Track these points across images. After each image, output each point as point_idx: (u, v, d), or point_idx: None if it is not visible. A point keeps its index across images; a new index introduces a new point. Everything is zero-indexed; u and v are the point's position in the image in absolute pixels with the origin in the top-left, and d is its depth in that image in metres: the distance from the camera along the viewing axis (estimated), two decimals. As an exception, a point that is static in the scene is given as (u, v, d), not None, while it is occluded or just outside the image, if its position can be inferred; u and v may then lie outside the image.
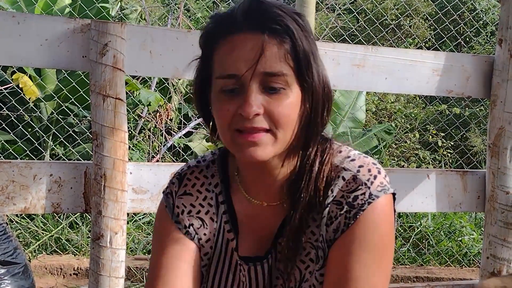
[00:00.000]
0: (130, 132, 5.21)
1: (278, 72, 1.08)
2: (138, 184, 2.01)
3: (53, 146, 5.15)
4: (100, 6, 5.09)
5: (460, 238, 4.89)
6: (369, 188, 1.12)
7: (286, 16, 1.10)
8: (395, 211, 1.19)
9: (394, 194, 1.18)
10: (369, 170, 1.15)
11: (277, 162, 1.16)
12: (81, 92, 4.51)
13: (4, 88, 4.64)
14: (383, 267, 1.13)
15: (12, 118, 4.73)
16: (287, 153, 1.16)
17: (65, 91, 4.63)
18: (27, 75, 4.77)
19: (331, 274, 1.14)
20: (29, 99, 4.70)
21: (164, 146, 5.41)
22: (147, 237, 4.57)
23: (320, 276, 1.17)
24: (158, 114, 5.33)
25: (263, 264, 1.22)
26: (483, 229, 2.45)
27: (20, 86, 4.47)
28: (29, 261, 3.76)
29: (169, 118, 5.38)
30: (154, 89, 5.49)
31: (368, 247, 1.11)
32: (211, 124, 1.20)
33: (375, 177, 1.14)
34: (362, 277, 1.10)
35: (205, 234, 1.25)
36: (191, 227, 1.24)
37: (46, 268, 4.10)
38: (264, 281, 1.23)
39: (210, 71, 1.15)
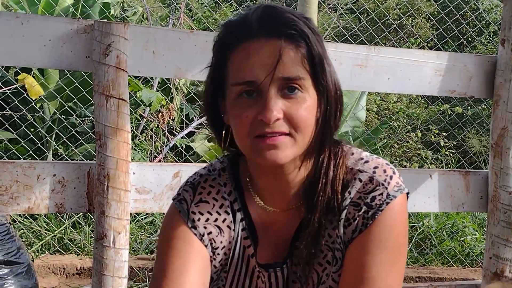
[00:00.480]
0: (132, 132, 5.22)
1: (296, 76, 1.09)
2: (141, 184, 2.01)
3: (55, 146, 5.16)
4: (102, 4, 5.10)
5: (462, 238, 4.88)
6: (386, 188, 1.14)
7: (299, 21, 1.11)
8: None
9: (407, 194, 1.19)
10: (385, 171, 1.17)
11: (293, 166, 1.17)
12: (84, 92, 4.51)
13: (8, 89, 4.64)
14: (398, 267, 1.15)
15: (15, 118, 4.74)
16: (303, 157, 1.16)
17: (67, 91, 4.64)
18: (31, 74, 4.78)
19: (348, 273, 1.15)
20: (34, 99, 4.71)
21: (166, 146, 5.41)
22: (149, 237, 4.58)
23: (338, 277, 1.18)
24: (160, 114, 5.34)
25: (282, 269, 1.23)
26: (485, 229, 2.45)
27: (26, 86, 4.48)
28: (32, 261, 3.77)
29: (171, 118, 5.38)
30: (156, 89, 5.49)
31: (386, 246, 1.13)
32: (223, 133, 1.19)
33: (391, 177, 1.16)
34: (379, 277, 1.11)
35: (221, 242, 1.24)
36: (206, 235, 1.23)
37: (49, 268, 4.11)
38: (283, 285, 1.24)
39: (224, 79, 1.15)
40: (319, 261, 1.19)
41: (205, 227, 1.23)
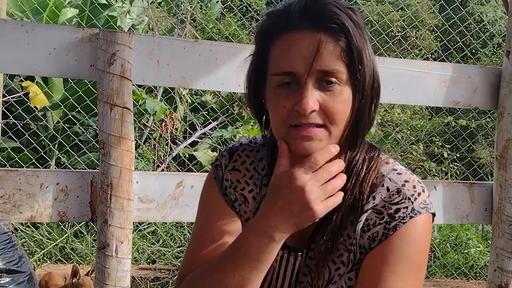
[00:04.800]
0: (135, 141, 5.22)
1: (334, 70, 1.09)
2: (144, 193, 2.01)
3: (58, 155, 5.16)
4: (108, 15, 5.12)
5: (466, 251, 4.86)
6: (412, 203, 1.13)
7: (341, 14, 1.11)
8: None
9: (433, 215, 1.18)
10: (414, 187, 1.16)
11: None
12: (88, 101, 4.52)
13: (12, 97, 4.65)
14: (416, 284, 1.13)
15: (19, 126, 4.75)
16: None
17: (71, 100, 4.65)
18: (35, 83, 4.79)
19: (365, 282, 1.14)
20: (37, 108, 4.72)
21: (169, 155, 5.41)
22: (151, 247, 4.56)
23: (349, 279, 1.17)
24: (163, 123, 5.34)
25: (296, 256, 1.23)
26: (489, 242, 2.44)
27: (30, 95, 4.49)
28: (34, 270, 3.76)
29: (174, 127, 5.39)
30: (160, 98, 5.50)
31: (405, 260, 1.11)
32: (264, 118, 1.22)
33: (419, 194, 1.15)
34: None
35: (245, 212, 1.28)
36: (236, 202, 1.28)
37: (50, 277, 4.08)
38: (292, 275, 1.24)
39: (265, 67, 1.16)
40: (334, 259, 1.19)
41: (235, 194, 1.28)
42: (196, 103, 5.67)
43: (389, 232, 1.12)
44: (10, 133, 4.60)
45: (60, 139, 4.91)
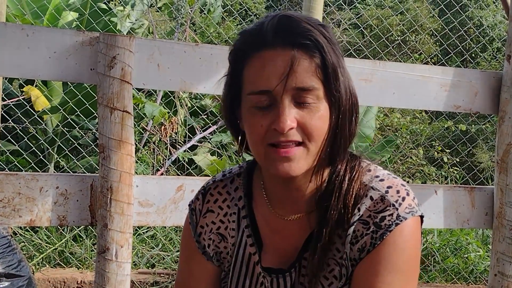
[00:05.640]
0: (135, 145, 5.21)
1: (310, 86, 1.09)
2: (144, 197, 2.00)
3: (57, 159, 5.15)
4: (108, 20, 5.12)
5: (466, 255, 4.85)
6: (397, 209, 1.12)
7: (315, 30, 1.11)
8: (422, 233, 1.18)
9: (422, 217, 1.17)
10: (398, 192, 1.14)
11: (306, 178, 1.17)
12: (87, 105, 4.52)
13: (12, 101, 4.65)
14: None
15: (18, 130, 4.74)
16: (315, 168, 1.15)
17: (70, 103, 4.65)
18: (34, 86, 4.78)
19: None
20: (37, 111, 4.71)
21: (168, 159, 5.40)
22: (150, 251, 4.55)
23: None
24: (163, 127, 5.33)
25: (285, 277, 1.22)
26: (489, 246, 2.43)
27: (32, 98, 4.49)
28: (33, 273, 3.74)
29: (173, 131, 5.38)
30: (160, 102, 5.50)
31: (394, 269, 1.10)
32: (239, 138, 1.21)
33: (403, 198, 1.14)
34: None
35: (225, 248, 1.29)
36: (210, 246, 1.30)
37: (49, 282, 4.08)
38: None
39: (239, 87, 1.16)
40: (326, 275, 1.18)
41: (209, 238, 1.30)
42: (195, 107, 5.67)
43: (376, 241, 1.11)
44: (9, 137, 4.59)
45: (59, 142, 4.90)
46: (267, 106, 1.10)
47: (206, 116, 5.63)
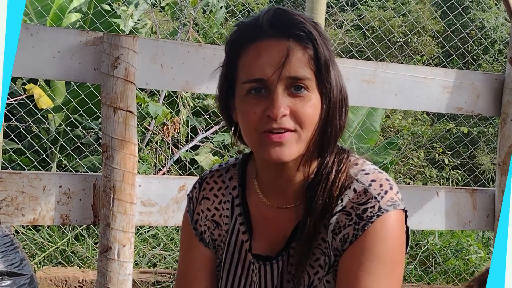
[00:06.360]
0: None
1: (303, 76, 1.14)
2: (147, 196, 2.01)
3: (60, 158, 5.16)
4: (111, 20, 5.12)
5: (467, 257, 4.85)
6: (378, 202, 1.15)
7: (308, 24, 1.17)
8: (408, 228, 1.21)
9: (405, 211, 1.19)
10: (381, 185, 1.17)
11: (295, 165, 1.20)
12: (90, 104, 4.52)
13: (15, 99, 4.66)
14: (392, 282, 1.14)
15: (21, 128, 4.75)
16: (304, 157, 1.19)
17: (73, 103, 4.66)
18: (37, 85, 4.79)
19: (341, 284, 1.15)
20: (40, 110, 4.72)
21: (170, 159, 5.40)
22: (152, 250, 4.56)
23: (327, 282, 1.19)
24: (165, 127, 5.34)
25: (272, 264, 1.25)
26: (490, 248, 2.43)
27: (35, 97, 4.50)
28: (35, 272, 3.75)
29: (176, 131, 5.38)
30: (163, 102, 5.50)
31: (377, 259, 1.13)
32: (233, 128, 1.26)
33: (385, 192, 1.16)
34: None
35: (219, 235, 1.33)
36: (205, 232, 1.34)
37: (51, 280, 4.09)
38: (274, 283, 1.26)
39: (234, 77, 1.20)
40: (311, 263, 1.21)
41: (205, 224, 1.34)
42: (198, 107, 5.67)
43: (358, 232, 1.14)
44: (12, 136, 4.60)
45: (62, 142, 4.91)
46: (261, 94, 1.15)
47: (208, 116, 5.64)
